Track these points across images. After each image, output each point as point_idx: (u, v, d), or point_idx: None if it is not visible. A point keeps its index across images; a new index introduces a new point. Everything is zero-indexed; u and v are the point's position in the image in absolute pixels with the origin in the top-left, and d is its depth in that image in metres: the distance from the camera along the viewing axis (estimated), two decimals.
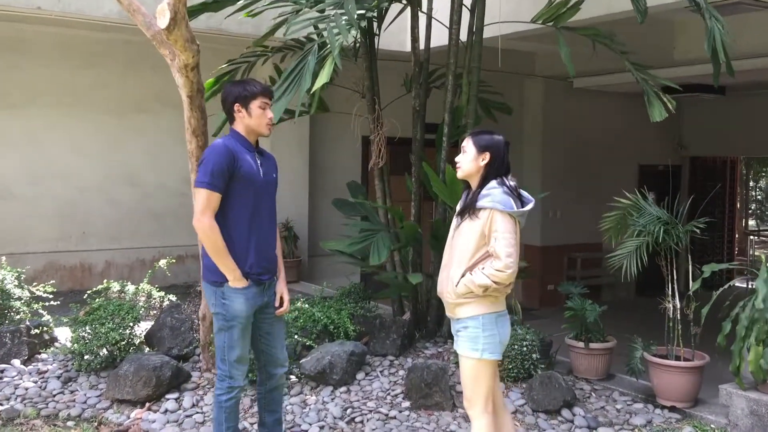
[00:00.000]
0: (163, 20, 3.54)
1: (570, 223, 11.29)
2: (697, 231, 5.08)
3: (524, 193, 3.57)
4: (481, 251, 3.41)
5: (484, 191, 3.44)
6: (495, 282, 3.33)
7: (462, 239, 3.47)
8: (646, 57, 8.73)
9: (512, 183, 3.51)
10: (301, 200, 9.26)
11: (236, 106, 3.64)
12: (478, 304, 3.42)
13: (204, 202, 3.49)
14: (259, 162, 3.71)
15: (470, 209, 3.44)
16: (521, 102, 11.35)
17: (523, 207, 3.48)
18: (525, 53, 10.32)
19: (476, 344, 3.43)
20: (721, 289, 4.89)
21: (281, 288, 3.87)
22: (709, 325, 4.87)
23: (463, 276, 3.41)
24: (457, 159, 3.62)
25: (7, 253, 7.21)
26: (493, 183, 3.45)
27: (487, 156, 3.49)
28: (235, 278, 3.57)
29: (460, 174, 3.63)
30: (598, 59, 6.80)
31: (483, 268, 3.36)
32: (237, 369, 3.71)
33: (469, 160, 3.53)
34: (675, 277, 5.15)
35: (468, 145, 3.55)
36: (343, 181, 7.07)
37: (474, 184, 3.54)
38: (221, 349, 3.70)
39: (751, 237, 16.36)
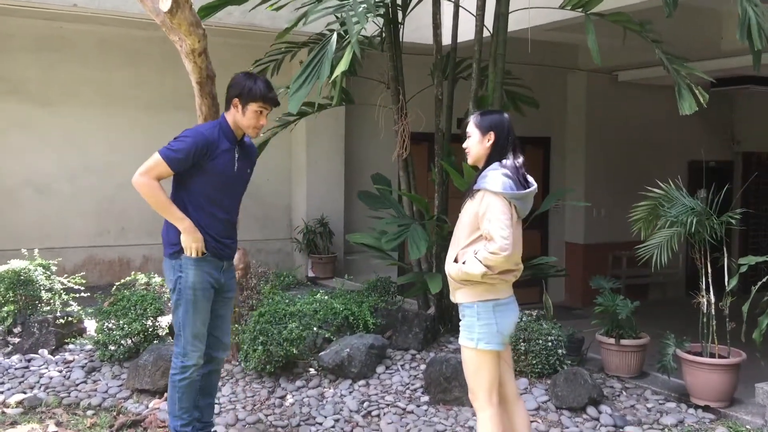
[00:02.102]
0: (165, 3, 3.52)
1: (615, 221, 10.95)
2: (733, 222, 4.84)
3: (530, 179, 3.41)
4: (475, 233, 3.30)
5: (483, 172, 3.33)
6: (488, 266, 3.19)
7: (462, 220, 3.39)
8: (692, 48, 8.47)
9: (518, 162, 3.36)
10: (336, 196, 9.23)
11: (235, 100, 3.64)
12: (472, 290, 3.30)
13: (153, 166, 3.53)
14: (237, 156, 3.71)
15: (471, 190, 3.34)
16: (564, 96, 11.14)
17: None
18: (567, 46, 10.09)
19: (471, 333, 3.32)
20: (760, 283, 4.65)
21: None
22: (748, 321, 4.64)
23: (456, 257, 3.32)
24: (464, 145, 3.50)
25: (47, 248, 7.38)
26: (495, 165, 3.33)
27: (492, 136, 3.37)
28: (186, 228, 3.56)
29: (470, 160, 3.51)
30: (643, 51, 6.56)
31: (476, 253, 3.23)
32: (193, 346, 3.68)
33: (475, 143, 3.42)
34: (709, 270, 4.92)
35: (471, 128, 3.44)
36: None
37: (481, 166, 3.42)
38: (177, 324, 3.69)
39: None
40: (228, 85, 3.72)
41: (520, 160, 3.40)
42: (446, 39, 6.30)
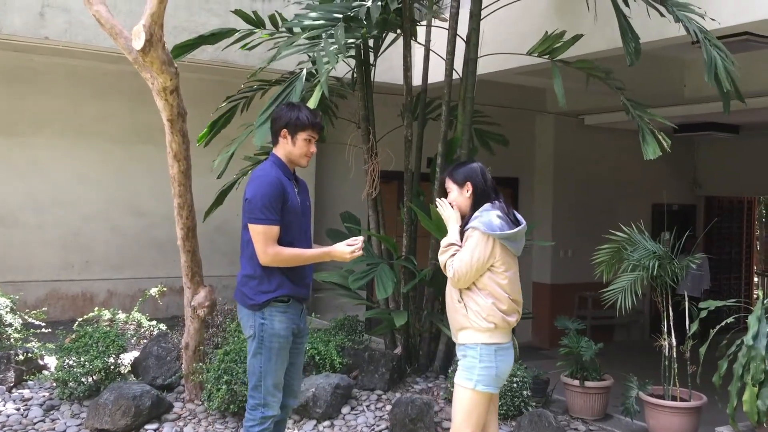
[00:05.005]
0: (138, 42, 3.54)
1: (581, 262, 11.02)
2: (693, 267, 4.94)
3: (520, 217, 3.60)
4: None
5: (476, 213, 3.50)
6: (443, 265, 3.48)
7: None
8: (656, 95, 8.70)
9: (502, 203, 3.58)
10: None
11: (283, 132, 3.65)
12: (477, 332, 3.41)
13: (264, 238, 3.48)
14: (296, 190, 3.72)
15: (462, 233, 3.55)
16: (533, 138, 11.32)
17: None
18: (535, 89, 10.29)
19: (471, 374, 3.40)
20: (717, 327, 4.74)
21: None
22: (711, 364, 4.71)
23: (460, 294, 3.51)
24: (448, 200, 3.67)
25: (9, 281, 7.24)
26: (487, 206, 3.52)
27: (469, 186, 3.57)
28: (324, 256, 3.63)
29: (461, 212, 3.66)
30: (608, 97, 6.75)
31: (456, 252, 3.46)
32: (273, 396, 3.60)
33: (456, 197, 3.62)
34: (671, 314, 5.00)
35: (449, 184, 3.64)
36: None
37: (469, 215, 3.60)
38: (256, 374, 3.59)
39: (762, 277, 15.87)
40: (272, 119, 3.76)
41: (502, 199, 3.62)
42: (417, 80, 6.40)
